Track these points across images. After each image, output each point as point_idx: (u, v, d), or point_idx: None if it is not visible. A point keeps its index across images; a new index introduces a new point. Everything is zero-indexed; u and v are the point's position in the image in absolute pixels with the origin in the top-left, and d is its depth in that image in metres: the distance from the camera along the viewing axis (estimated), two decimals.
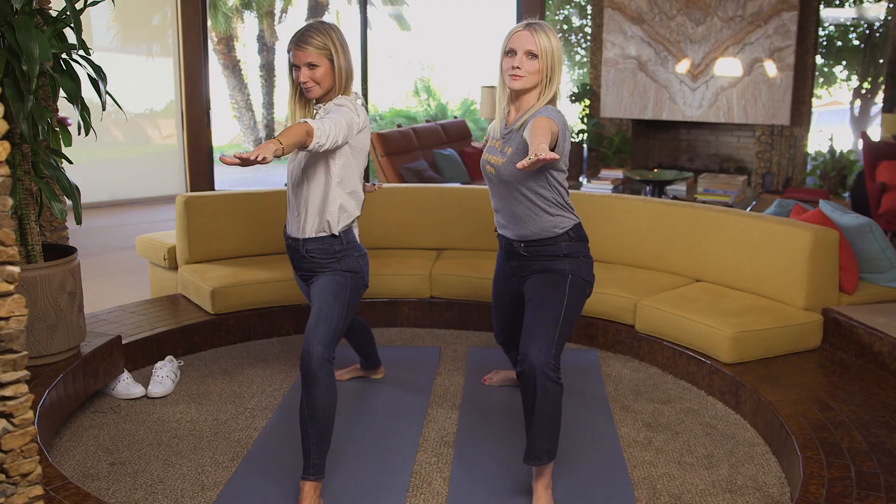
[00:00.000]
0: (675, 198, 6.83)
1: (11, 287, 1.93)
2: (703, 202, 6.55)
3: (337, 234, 3.09)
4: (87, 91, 3.33)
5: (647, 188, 7.08)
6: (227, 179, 12.66)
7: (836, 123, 13.00)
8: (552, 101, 2.94)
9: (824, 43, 12.77)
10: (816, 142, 10.33)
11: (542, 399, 2.78)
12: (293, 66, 3.04)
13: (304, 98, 3.16)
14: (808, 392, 3.50)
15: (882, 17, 12.41)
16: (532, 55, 2.87)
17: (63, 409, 3.34)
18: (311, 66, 3.00)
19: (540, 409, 2.79)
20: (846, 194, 8.93)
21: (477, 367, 4.19)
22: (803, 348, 3.96)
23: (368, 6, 10.41)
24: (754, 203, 7.12)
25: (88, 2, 3.36)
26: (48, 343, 3.35)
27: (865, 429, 3.13)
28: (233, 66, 15.72)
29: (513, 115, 3.02)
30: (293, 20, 16.30)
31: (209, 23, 9.54)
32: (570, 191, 3.36)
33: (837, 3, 12.60)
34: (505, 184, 2.98)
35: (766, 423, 3.40)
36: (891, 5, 10.59)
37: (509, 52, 2.91)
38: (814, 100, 9.30)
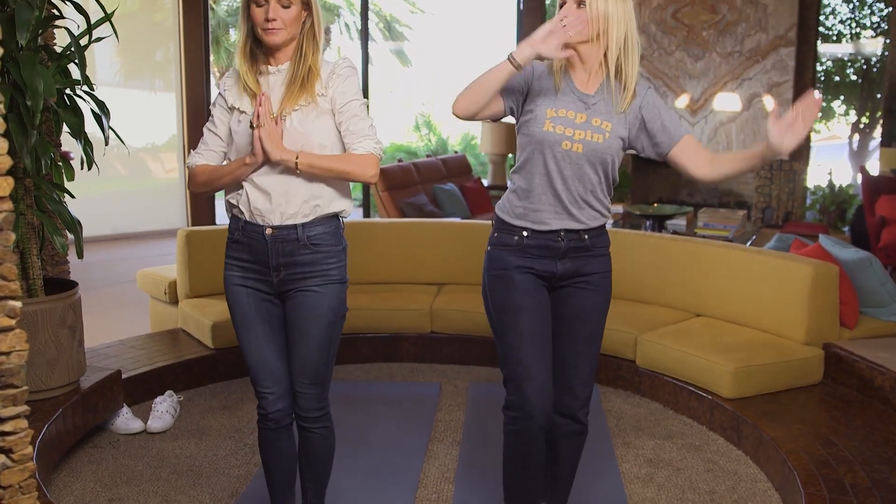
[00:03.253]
0: (675, 232, 6.84)
1: (13, 322, 1.94)
2: (703, 237, 6.56)
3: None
4: (91, 126, 3.36)
5: (647, 223, 7.09)
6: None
7: (834, 158, 13.07)
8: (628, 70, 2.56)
9: (822, 78, 12.87)
10: (815, 176, 10.37)
11: (578, 448, 2.77)
12: (252, 2, 2.42)
13: (255, 51, 2.51)
14: (810, 427, 3.49)
15: (879, 53, 12.51)
16: (580, 3, 2.48)
17: (62, 444, 3.32)
18: (284, 3, 2.42)
19: (573, 457, 2.79)
20: (846, 228, 8.95)
21: (478, 403, 4.17)
22: (805, 383, 3.95)
23: (370, 42, 10.51)
24: (754, 237, 7.13)
25: (93, 38, 3.39)
26: (48, 377, 3.34)
27: (868, 465, 3.11)
28: None
29: (582, 77, 2.60)
30: None
31: (212, 58, 9.61)
32: None
33: (835, 38, 12.72)
34: (590, 164, 2.58)
35: (769, 458, 3.38)
36: (887, 41, 10.69)
37: (562, 5, 2.53)
38: (812, 134, 9.35)
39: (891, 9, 10.28)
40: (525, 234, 2.65)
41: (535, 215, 2.63)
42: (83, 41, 3.30)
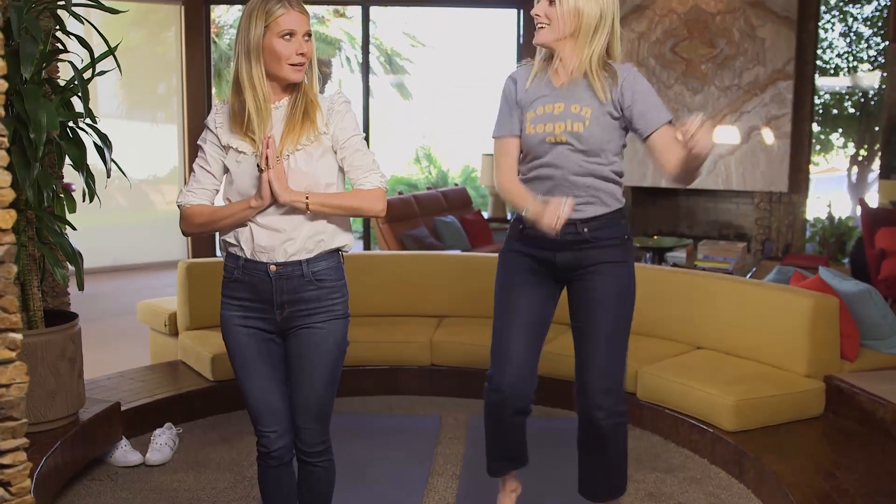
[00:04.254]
0: (675, 265, 6.85)
1: (13, 354, 1.94)
2: (703, 269, 6.56)
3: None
4: (93, 157, 3.37)
5: (647, 255, 7.10)
6: None
7: (833, 190, 13.10)
8: (610, 57, 2.60)
9: (820, 111, 12.94)
10: (815, 208, 10.40)
11: (613, 443, 2.75)
12: (281, 35, 2.34)
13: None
14: (811, 460, 3.47)
15: (876, 86, 12.59)
16: (552, 1, 2.53)
17: (60, 476, 3.30)
18: (306, 37, 2.40)
19: (609, 451, 2.76)
20: (846, 260, 8.95)
21: (478, 436, 4.15)
22: (806, 416, 3.94)
23: (370, 75, 10.58)
24: (754, 270, 7.13)
25: (96, 72, 3.42)
26: (47, 409, 3.33)
27: (871, 498, 3.10)
28: None
29: (563, 77, 2.65)
30: None
31: (214, 90, 9.69)
32: None
33: (832, 72, 12.80)
34: (581, 152, 2.60)
35: (771, 492, 3.36)
36: (884, 74, 10.76)
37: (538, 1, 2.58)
38: (811, 167, 9.39)
39: (887, 43, 10.37)
40: (525, 224, 2.70)
41: None
42: (87, 74, 3.34)
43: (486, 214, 10.27)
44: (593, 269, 2.68)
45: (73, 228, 3.51)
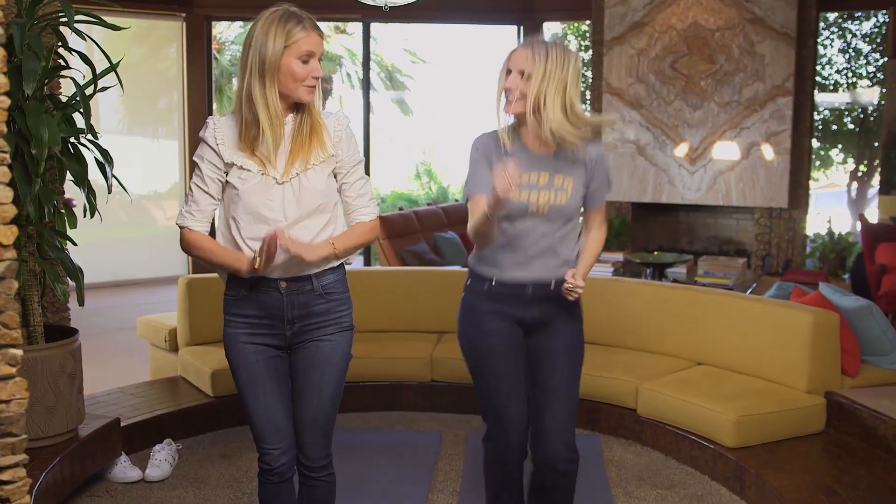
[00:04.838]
0: (675, 280, 6.84)
1: (13, 370, 1.94)
2: (704, 285, 6.56)
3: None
4: (94, 173, 3.38)
5: (648, 271, 7.09)
6: None
7: (833, 205, 13.11)
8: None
9: (820, 127, 12.97)
10: (815, 224, 10.40)
11: (566, 489, 2.79)
12: (299, 57, 2.36)
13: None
14: (813, 477, 3.46)
15: (875, 102, 12.63)
16: (522, 74, 2.58)
17: (59, 493, 3.29)
18: (321, 59, 2.44)
19: (563, 498, 2.80)
20: (846, 276, 8.95)
21: (478, 452, 4.14)
22: (807, 432, 3.93)
23: (371, 91, 10.62)
24: (754, 285, 7.12)
25: (98, 88, 3.43)
26: (46, 425, 3.32)
27: None
28: None
29: (535, 141, 2.69)
30: None
31: (214, 106, 9.71)
32: None
33: (831, 88, 12.84)
34: (557, 219, 2.69)
35: None
36: (883, 90, 10.80)
37: (508, 72, 2.64)
38: (811, 182, 9.40)
39: (886, 59, 10.41)
40: (493, 282, 2.76)
41: (502, 266, 2.75)
42: (88, 91, 3.35)
43: None
44: (552, 324, 2.78)
45: (74, 244, 3.51)
